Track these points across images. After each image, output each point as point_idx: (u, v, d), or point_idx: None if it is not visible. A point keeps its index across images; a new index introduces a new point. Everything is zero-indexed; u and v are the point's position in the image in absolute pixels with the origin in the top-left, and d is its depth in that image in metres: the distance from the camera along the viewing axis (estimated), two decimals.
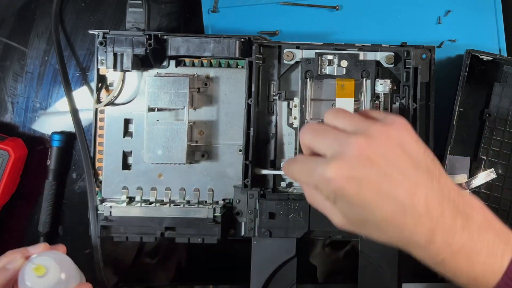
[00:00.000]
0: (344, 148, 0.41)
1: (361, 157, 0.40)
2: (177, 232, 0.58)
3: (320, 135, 0.43)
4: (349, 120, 0.44)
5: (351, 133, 0.42)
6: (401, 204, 0.40)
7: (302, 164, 0.44)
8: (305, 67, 0.59)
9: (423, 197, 0.40)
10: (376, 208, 0.41)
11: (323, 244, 0.67)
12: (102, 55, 0.59)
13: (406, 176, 0.41)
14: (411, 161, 0.41)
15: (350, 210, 0.42)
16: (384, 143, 0.41)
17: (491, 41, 0.65)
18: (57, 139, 0.65)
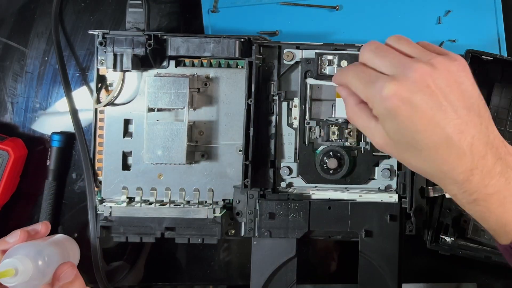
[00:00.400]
0: (407, 71, 0.42)
1: (422, 83, 0.41)
2: (177, 232, 0.58)
3: (384, 54, 0.44)
4: (413, 47, 0.45)
5: (416, 59, 0.43)
6: (449, 138, 0.42)
7: (361, 72, 0.45)
8: (305, 67, 0.59)
9: (470, 136, 0.42)
10: (424, 135, 0.42)
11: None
12: (102, 55, 0.59)
13: (458, 113, 0.42)
14: (466, 100, 0.43)
15: (398, 132, 0.43)
16: (444, 76, 0.42)
17: (491, 41, 0.65)
18: (57, 139, 0.64)
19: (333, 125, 0.59)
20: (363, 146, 0.59)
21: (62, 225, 0.66)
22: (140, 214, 0.57)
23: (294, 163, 0.60)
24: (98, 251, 0.59)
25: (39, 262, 0.51)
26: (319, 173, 0.59)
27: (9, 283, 0.49)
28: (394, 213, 0.58)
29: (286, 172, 0.60)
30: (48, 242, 0.55)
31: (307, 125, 0.59)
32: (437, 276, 0.67)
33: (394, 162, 0.60)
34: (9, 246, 0.52)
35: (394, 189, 0.60)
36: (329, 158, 0.59)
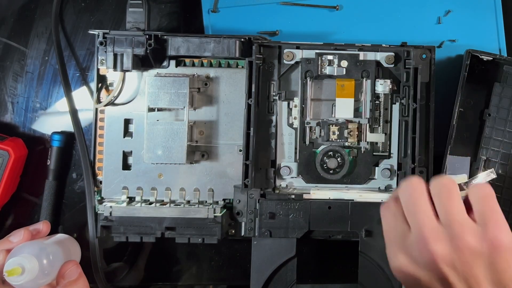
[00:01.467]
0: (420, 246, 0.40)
1: (430, 265, 0.40)
2: (177, 232, 0.58)
3: (412, 208, 0.42)
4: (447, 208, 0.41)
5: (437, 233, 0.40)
6: None
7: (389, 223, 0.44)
8: (305, 67, 0.59)
9: None
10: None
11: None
12: (102, 55, 0.59)
13: None
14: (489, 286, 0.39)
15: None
16: (464, 260, 0.39)
17: (491, 41, 0.65)
18: (57, 139, 0.64)
19: (333, 125, 0.59)
20: (363, 146, 0.59)
21: (62, 225, 0.66)
22: (140, 214, 0.57)
23: (294, 163, 0.60)
24: (97, 251, 0.59)
25: (44, 261, 0.51)
26: (319, 173, 0.59)
27: (16, 282, 0.49)
28: None
29: (286, 172, 0.60)
30: (51, 241, 0.55)
31: (307, 125, 0.59)
32: None
33: (394, 162, 0.60)
34: (12, 245, 0.52)
35: (394, 189, 0.60)
36: (329, 158, 0.59)
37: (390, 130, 0.60)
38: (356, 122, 0.59)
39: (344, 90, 0.59)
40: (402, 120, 0.59)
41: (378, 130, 0.60)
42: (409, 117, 0.57)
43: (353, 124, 0.59)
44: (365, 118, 0.59)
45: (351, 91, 0.59)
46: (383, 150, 0.60)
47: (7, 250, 0.51)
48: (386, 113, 0.60)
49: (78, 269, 0.52)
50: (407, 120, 0.58)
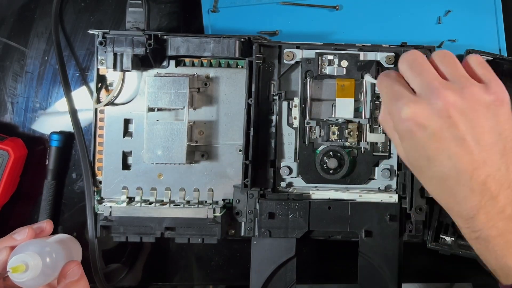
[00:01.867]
0: (432, 95, 0.41)
1: (443, 112, 0.40)
2: (177, 232, 0.58)
3: (418, 70, 0.43)
4: (453, 69, 0.43)
5: (447, 84, 0.41)
6: (460, 172, 0.40)
7: (391, 85, 0.44)
8: (305, 67, 0.59)
9: (485, 175, 0.40)
10: (434, 163, 0.41)
11: None
12: (102, 55, 0.59)
13: (478, 148, 0.40)
14: (492, 136, 0.41)
15: (411, 153, 0.43)
16: (473, 108, 0.41)
17: (491, 41, 0.65)
18: (56, 139, 0.64)
19: (333, 125, 0.59)
20: (363, 146, 0.59)
21: (62, 225, 0.66)
22: (140, 214, 0.57)
23: (294, 163, 0.60)
24: (96, 252, 0.59)
25: (47, 259, 0.51)
26: (319, 173, 0.59)
27: (19, 279, 0.50)
28: (394, 213, 0.58)
29: (286, 172, 0.60)
30: (53, 240, 0.55)
31: (307, 125, 0.59)
32: (437, 276, 0.67)
33: (394, 162, 0.60)
34: (16, 243, 0.52)
35: (394, 189, 0.60)
36: (329, 158, 0.59)
37: None
38: (356, 122, 0.59)
39: (344, 90, 0.59)
40: None
41: (378, 130, 0.60)
42: None
43: (353, 124, 0.59)
44: (365, 118, 0.59)
45: (351, 91, 0.59)
46: (383, 150, 0.60)
47: (10, 247, 0.51)
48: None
49: (79, 270, 0.52)
50: None
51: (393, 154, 0.60)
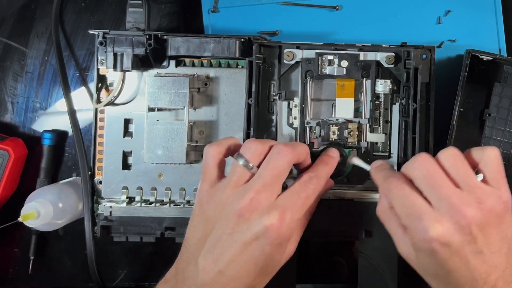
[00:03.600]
0: (454, 212, 0.42)
1: (465, 229, 0.41)
2: (177, 232, 0.58)
3: (433, 182, 0.43)
4: (463, 175, 0.43)
5: (464, 197, 0.42)
6: (475, 279, 0.42)
7: (407, 196, 0.44)
8: (305, 67, 0.59)
9: (495, 278, 0.42)
10: (453, 275, 0.43)
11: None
12: (102, 55, 0.59)
13: (491, 256, 0.42)
14: (501, 241, 0.43)
15: (428, 265, 0.43)
16: (489, 221, 0.42)
17: (491, 41, 0.65)
18: (48, 137, 0.65)
19: (333, 125, 0.59)
20: (363, 146, 0.59)
21: None
22: (140, 214, 0.57)
23: None
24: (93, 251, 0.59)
25: (60, 204, 0.58)
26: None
27: (32, 225, 0.56)
28: None
29: None
30: (65, 184, 0.61)
31: (307, 125, 0.59)
32: None
33: (394, 162, 0.60)
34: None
35: None
36: None
37: (390, 130, 0.60)
38: (356, 122, 0.59)
39: (344, 90, 0.59)
40: (402, 120, 0.59)
41: (378, 130, 0.60)
42: (409, 117, 0.57)
43: (353, 124, 0.59)
44: (365, 118, 0.59)
45: (351, 91, 0.59)
46: (383, 150, 0.60)
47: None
48: (386, 113, 0.60)
49: None
50: (407, 120, 0.58)
51: (393, 154, 0.60)
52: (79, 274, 0.65)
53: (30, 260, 0.66)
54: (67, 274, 0.67)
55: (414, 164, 0.45)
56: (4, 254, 0.67)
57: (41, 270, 0.66)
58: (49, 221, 0.57)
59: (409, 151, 0.58)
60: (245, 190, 0.45)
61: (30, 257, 0.65)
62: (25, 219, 0.55)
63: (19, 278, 0.67)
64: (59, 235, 0.67)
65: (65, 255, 0.67)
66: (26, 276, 0.66)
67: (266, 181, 0.45)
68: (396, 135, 0.59)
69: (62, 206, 0.58)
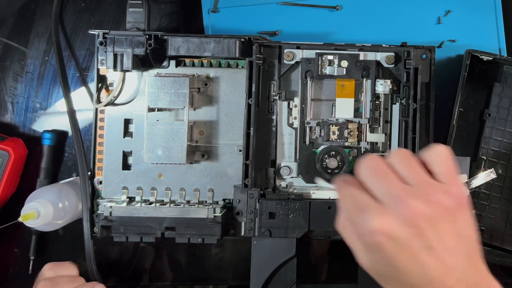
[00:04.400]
0: (399, 205, 0.40)
1: (411, 222, 0.40)
2: (177, 232, 0.58)
3: (379, 177, 0.42)
4: (412, 172, 0.42)
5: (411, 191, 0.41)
6: (430, 279, 0.40)
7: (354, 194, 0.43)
8: (305, 67, 0.59)
9: (455, 280, 0.40)
10: (405, 273, 0.41)
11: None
12: (102, 55, 0.59)
13: (445, 254, 0.40)
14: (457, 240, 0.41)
15: (380, 264, 0.42)
16: (438, 215, 0.40)
17: (491, 41, 0.65)
18: (48, 137, 0.65)
19: (333, 125, 0.59)
20: (363, 146, 0.59)
21: None
22: (140, 214, 0.57)
23: (294, 163, 0.60)
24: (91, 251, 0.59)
25: (60, 204, 0.58)
26: (319, 173, 0.59)
27: (31, 225, 0.56)
28: None
29: (286, 172, 0.60)
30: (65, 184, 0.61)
31: (307, 125, 0.59)
32: None
33: None
34: None
35: None
36: (329, 157, 0.59)
37: (390, 130, 0.60)
38: (356, 122, 0.59)
39: (344, 90, 0.59)
40: (402, 120, 0.59)
41: (378, 130, 0.60)
42: (409, 117, 0.57)
43: (353, 124, 0.59)
44: (365, 118, 0.59)
45: (351, 91, 0.59)
46: (383, 150, 0.60)
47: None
48: (386, 113, 0.60)
49: None
50: (407, 120, 0.58)
51: None
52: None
53: (30, 260, 0.65)
54: None
55: (361, 164, 0.44)
56: (4, 254, 0.67)
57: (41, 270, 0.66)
58: (49, 221, 0.57)
59: None
60: None
61: (30, 257, 0.65)
62: (25, 219, 0.55)
63: (19, 278, 0.67)
64: (59, 235, 0.67)
65: (65, 255, 0.67)
66: (26, 276, 0.66)
67: None
68: (396, 135, 0.59)
69: (62, 206, 0.58)
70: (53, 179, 0.66)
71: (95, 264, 0.59)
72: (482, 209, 0.63)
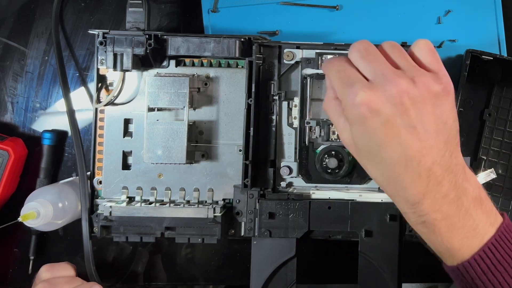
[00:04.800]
0: (386, 82, 0.41)
1: (396, 99, 0.41)
2: (177, 232, 0.58)
3: (370, 58, 0.43)
4: (403, 59, 0.44)
5: (400, 72, 0.42)
6: (409, 159, 0.41)
7: (343, 70, 0.44)
8: (305, 67, 0.59)
9: (431, 161, 0.42)
10: (385, 150, 0.42)
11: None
12: (102, 55, 0.59)
13: (426, 136, 0.41)
14: (438, 124, 0.42)
15: (361, 139, 0.43)
16: (423, 96, 0.42)
17: (491, 41, 0.65)
18: (48, 137, 0.65)
19: (333, 125, 0.59)
20: None
21: None
22: (140, 214, 0.57)
23: (294, 163, 0.60)
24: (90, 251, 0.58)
25: (59, 204, 0.58)
26: (319, 173, 0.59)
27: (31, 225, 0.56)
28: (394, 213, 0.57)
29: (286, 171, 0.60)
30: (65, 184, 0.61)
31: (307, 125, 0.59)
32: (437, 276, 0.67)
33: None
34: None
35: None
36: (329, 157, 0.59)
37: None
38: None
39: None
40: None
41: None
42: None
43: None
44: None
45: None
46: None
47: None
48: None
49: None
50: None
51: None
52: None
53: (30, 260, 0.66)
54: None
55: (354, 45, 0.45)
56: (4, 254, 0.67)
57: None
58: (49, 221, 0.57)
59: None
60: None
61: (30, 257, 0.65)
62: (25, 219, 0.55)
63: (19, 278, 0.67)
64: (59, 235, 0.67)
65: (65, 255, 0.67)
66: (26, 276, 0.66)
67: None
68: None
69: (62, 206, 0.58)
70: (53, 179, 0.66)
71: (93, 264, 0.59)
72: None
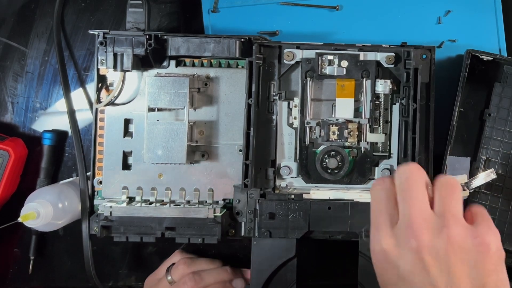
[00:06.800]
0: (409, 232, 0.39)
1: (414, 254, 0.38)
2: (177, 232, 0.58)
3: (406, 195, 0.40)
4: (445, 202, 0.40)
5: (428, 221, 0.39)
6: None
7: (378, 201, 0.42)
8: (305, 67, 0.59)
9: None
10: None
11: None
12: (102, 55, 0.59)
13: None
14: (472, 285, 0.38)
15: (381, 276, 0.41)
16: (449, 251, 0.38)
17: (491, 41, 0.65)
18: (48, 137, 0.65)
19: (333, 125, 0.59)
20: (363, 146, 0.59)
21: None
22: (140, 214, 0.57)
23: (294, 163, 0.60)
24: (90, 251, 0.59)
25: (59, 205, 0.58)
26: (319, 173, 0.59)
27: (31, 225, 0.56)
28: None
29: (286, 172, 0.60)
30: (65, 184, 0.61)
31: (307, 125, 0.59)
32: None
33: (394, 162, 0.60)
34: None
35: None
36: (329, 158, 0.59)
37: (390, 130, 0.60)
38: (356, 122, 0.59)
39: (344, 90, 0.59)
40: (402, 120, 0.59)
41: (378, 130, 0.60)
42: (409, 117, 0.57)
43: (353, 124, 0.59)
44: (365, 118, 0.59)
45: (351, 91, 0.59)
46: (383, 150, 0.60)
47: None
48: (386, 113, 0.60)
49: None
50: (407, 120, 0.58)
51: (393, 154, 0.60)
52: (79, 274, 0.65)
53: (30, 260, 0.66)
54: (66, 274, 0.67)
55: (400, 169, 0.42)
56: (4, 254, 0.67)
57: (41, 270, 0.66)
58: (49, 221, 0.57)
59: (409, 151, 0.58)
60: None
61: (30, 257, 0.66)
62: (25, 219, 0.55)
63: (19, 278, 0.67)
64: (59, 235, 0.67)
65: (65, 255, 0.67)
66: (26, 276, 0.66)
67: None
68: (396, 135, 0.59)
69: (62, 206, 0.58)
70: (53, 179, 0.66)
71: (92, 264, 0.59)
72: None
